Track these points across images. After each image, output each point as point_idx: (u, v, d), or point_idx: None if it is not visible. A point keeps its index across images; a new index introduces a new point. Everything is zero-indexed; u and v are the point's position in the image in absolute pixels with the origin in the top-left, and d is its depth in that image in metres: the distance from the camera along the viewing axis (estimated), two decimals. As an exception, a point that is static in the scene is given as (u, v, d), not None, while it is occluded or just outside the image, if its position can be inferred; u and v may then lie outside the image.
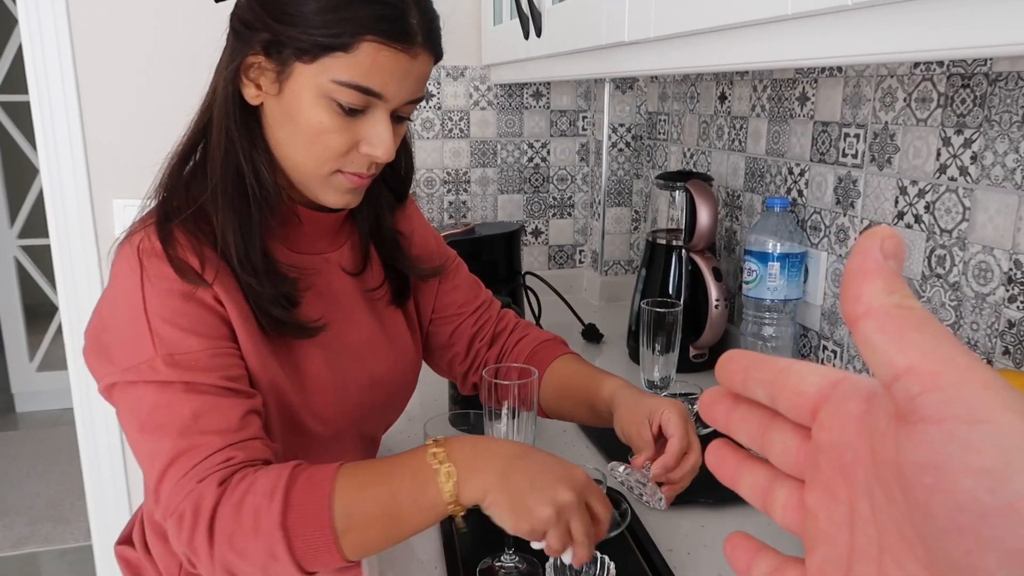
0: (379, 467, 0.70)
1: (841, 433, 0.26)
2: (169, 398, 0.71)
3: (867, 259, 0.24)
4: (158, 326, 0.73)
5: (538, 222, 2.06)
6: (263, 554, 0.66)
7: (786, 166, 1.35)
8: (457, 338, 1.03)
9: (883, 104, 1.11)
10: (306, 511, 0.66)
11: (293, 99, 0.75)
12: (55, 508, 2.90)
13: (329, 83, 0.73)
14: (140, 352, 0.73)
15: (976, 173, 0.96)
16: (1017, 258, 0.91)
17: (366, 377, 0.90)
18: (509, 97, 1.97)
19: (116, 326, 0.76)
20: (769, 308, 1.27)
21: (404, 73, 0.75)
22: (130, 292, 0.74)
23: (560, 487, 0.67)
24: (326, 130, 0.76)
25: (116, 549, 0.99)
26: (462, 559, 0.86)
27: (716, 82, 1.60)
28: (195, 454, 0.70)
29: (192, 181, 0.81)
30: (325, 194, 0.81)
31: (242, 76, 0.78)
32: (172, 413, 0.71)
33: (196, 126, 0.82)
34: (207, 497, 0.67)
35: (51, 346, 3.76)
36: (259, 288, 0.77)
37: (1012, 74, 0.90)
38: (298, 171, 0.80)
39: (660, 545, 0.88)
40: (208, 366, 0.73)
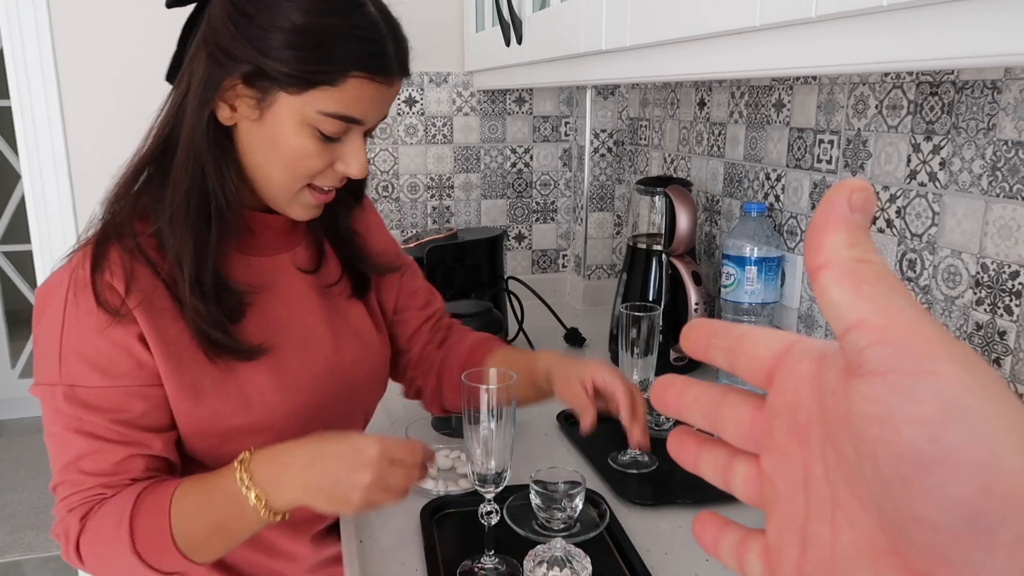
0: (205, 493, 0.78)
1: (794, 395, 0.26)
2: (61, 429, 0.79)
3: (832, 211, 0.24)
4: (67, 356, 0.78)
5: (521, 227, 2.07)
6: (128, 566, 0.77)
7: (763, 171, 1.37)
8: (414, 343, 1.07)
9: (856, 111, 1.13)
10: (152, 539, 0.76)
11: (276, 125, 0.78)
12: (38, 516, 2.88)
13: (314, 113, 0.76)
14: (48, 375, 0.79)
15: (945, 179, 0.99)
16: (984, 262, 0.94)
17: (325, 372, 0.91)
18: (492, 103, 1.98)
19: (37, 342, 0.81)
20: (747, 311, 1.29)
21: (382, 100, 0.81)
22: (53, 316, 0.78)
23: (358, 473, 0.74)
24: (308, 155, 0.79)
25: None
26: (442, 562, 0.87)
27: (695, 89, 1.62)
28: (70, 486, 0.80)
29: (140, 198, 0.81)
30: (291, 209, 0.85)
31: (215, 98, 0.78)
32: (60, 446, 0.80)
33: (155, 141, 0.82)
34: (72, 529, 0.79)
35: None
36: (204, 311, 0.79)
37: (978, 82, 0.93)
38: (271, 189, 0.83)
39: (638, 545, 0.89)
40: (102, 406, 0.78)
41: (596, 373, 0.90)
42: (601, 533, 0.91)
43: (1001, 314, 0.92)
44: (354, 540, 0.92)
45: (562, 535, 0.87)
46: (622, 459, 1.11)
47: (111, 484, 0.80)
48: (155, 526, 0.76)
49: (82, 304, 0.77)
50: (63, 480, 0.80)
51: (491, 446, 0.81)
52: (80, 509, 0.79)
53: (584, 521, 0.92)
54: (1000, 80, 0.90)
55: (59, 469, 0.81)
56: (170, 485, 0.79)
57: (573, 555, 0.76)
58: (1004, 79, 0.90)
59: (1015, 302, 0.90)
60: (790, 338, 0.27)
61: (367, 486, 0.74)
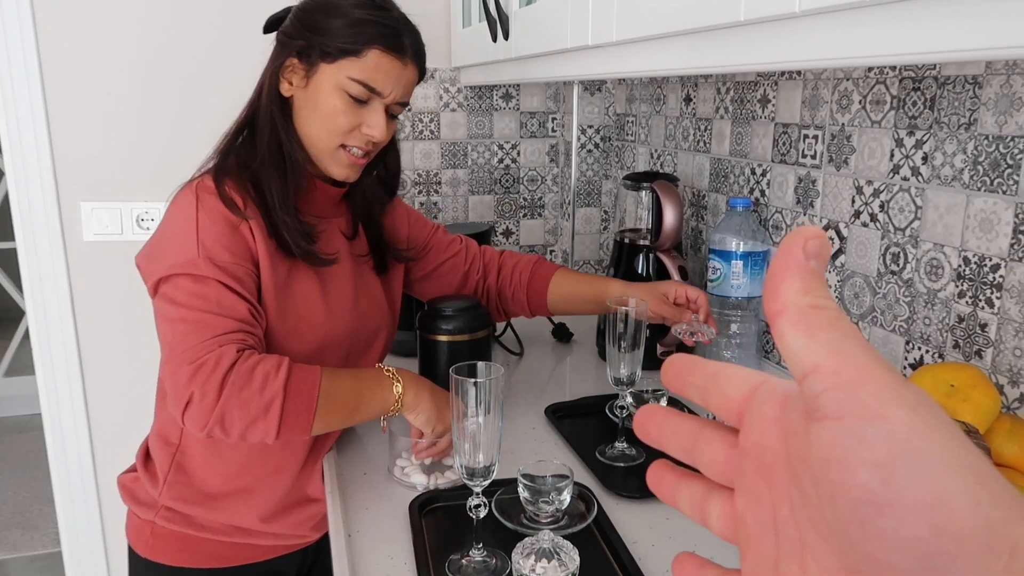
0: (349, 372, 0.99)
1: (761, 436, 0.26)
2: (203, 288, 0.92)
3: (788, 258, 0.25)
4: (204, 238, 0.95)
5: (509, 223, 2.08)
6: (259, 408, 0.87)
7: (749, 167, 1.38)
8: (469, 277, 1.31)
9: (840, 106, 1.14)
10: (302, 383, 0.91)
11: (316, 89, 1.00)
12: (23, 515, 2.86)
13: (344, 78, 0.98)
14: (186, 253, 0.93)
15: (927, 173, 1.00)
16: (965, 255, 0.95)
17: (352, 308, 1.11)
18: (479, 99, 1.98)
19: (170, 237, 0.97)
20: (733, 306, 1.30)
21: (397, 77, 1.01)
22: (186, 214, 0.96)
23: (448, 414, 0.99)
24: (338, 112, 1.00)
25: (118, 479, 1.15)
26: (431, 555, 0.87)
27: (681, 84, 1.63)
28: (220, 326, 0.91)
29: (241, 149, 1.05)
30: (331, 166, 1.04)
31: (280, 75, 1.02)
32: (204, 298, 0.92)
33: (246, 111, 1.06)
34: (227, 356, 0.88)
35: (18, 351, 3.71)
36: (294, 224, 1.01)
37: (959, 77, 0.94)
38: (314, 146, 1.03)
39: (625, 537, 0.90)
40: (234, 274, 0.94)
41: (678, 289, 1.19)
42: (589, 526, 0.92)
43: (983, 306, 0.93)
44: (343, 534, 0.92)
45: (550, 528, 0.88)
46: (609, 452, 1.12)
47: (251, 333, 0.93)
48: (308, 376, 0.92)
49: (210, 204, 0.97)
50: (209, 323, 0.90)
51: (479, 440, 0.81)
52: (235, 344, 0.90)
53: (572, 514, 0.93)
54: (981, 75, 0.91)
55: (202, 316, 0.90)
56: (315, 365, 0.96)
57: (561, 547, 0.76)
58: (985, 74, 0.91)
59: (996, 295, 0.92)
60: (758, 378, 0.27)
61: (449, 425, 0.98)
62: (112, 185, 1.79)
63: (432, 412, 1.01)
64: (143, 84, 1.77)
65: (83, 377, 1.86)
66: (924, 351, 1.03)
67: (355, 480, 1.06)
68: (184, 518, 1.07)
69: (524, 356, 1.58)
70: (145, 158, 1.80)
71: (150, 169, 1.80)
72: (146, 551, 1.08)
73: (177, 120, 1.80)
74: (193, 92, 1.80)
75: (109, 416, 1.90)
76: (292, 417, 0.90)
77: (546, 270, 1.31)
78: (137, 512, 1.10)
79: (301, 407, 0.90)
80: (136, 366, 1.88)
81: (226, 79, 1.80)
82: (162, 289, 0.94)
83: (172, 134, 1.80)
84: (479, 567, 0.85)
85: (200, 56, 1.79)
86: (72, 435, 1.88)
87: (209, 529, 1.07)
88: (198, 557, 1.07)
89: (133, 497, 1.11)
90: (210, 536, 1.07)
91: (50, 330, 1.82)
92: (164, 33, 1.75)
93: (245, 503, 1.07)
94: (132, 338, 1.87)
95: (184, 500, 1.06)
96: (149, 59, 1.76)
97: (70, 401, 1.86)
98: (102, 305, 1.84)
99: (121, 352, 1.87)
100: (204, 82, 1.80)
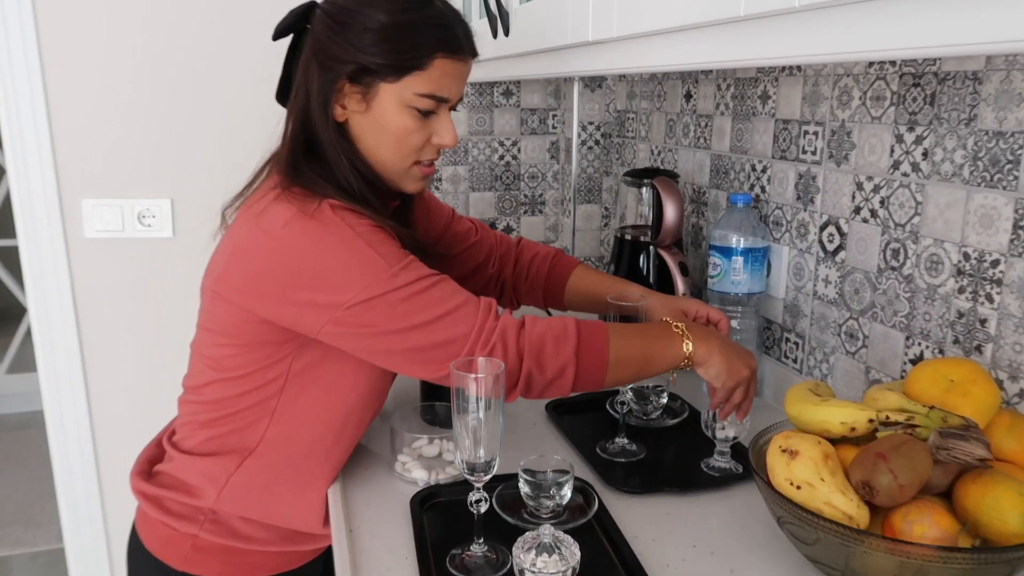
0: (637, 328, 1.00)
1: None
2: (422, 288, 0.88)
3: None
4: (380, 250, 0.89)
5: (509, 219, 2.08)
6: (556, 370, 0.90)
7: (749, 163, 1.38)
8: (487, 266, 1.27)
9: (840, 102, 1.14)
10: (592, 346, 0.92)
11: (380, 111, 0.93)
12: (26, 511, 2.87)
13: (412, 96, 0.91)
14: (376, 272, 0.87)
15: (927, 169, 1.00)
16: (965, 250, 0.95)
17: None
18: (479, 95, 1.98)
19: (333, 265, 0.87)
20: (734, 302, 1.30)
21: (462, 77, 0.96)
22: (339, 235, 0.88)
23: (748, 362, 1.00)
24: (410, 131, 0.94)
25: (134, 484, 1.05)
26: (432, 550, 0.88)
27: (682, 81, 1.63)
28: (475, 305, 0.90)
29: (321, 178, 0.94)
30: (404, 183, 0.99)
31: (333, 100, 0.93)
32: (437, 294, 0.89)
33: (293, 140, 0.96)
34: (510, 330, 0.89)
35: (20, 348, 3.72)
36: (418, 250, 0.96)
37: (959, 73, 0.94)
38: (385, 168, 0.97)
39: (626, 532, 0.90)
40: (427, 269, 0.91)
41: (692, 305, 1.14)
42: (589, 521, 0.92)
43: (982, 302, 0.94)
44: (344, 529, 0.93)
45: (551, 523, 0.88)
46: (610, 448, 1.12)
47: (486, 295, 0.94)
48: (597, 336, 0.92)
49: (350, 217, 0.90)
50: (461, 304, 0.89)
51: (480, 435, 0.81)
52: (507, 313, 0.91)
53: (572, 509, 0.93)
54: (981, 71, 0.91)
55: (449, 306, 0.89)
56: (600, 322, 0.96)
57: (562, 541, 0.77)
58: (985, 70, 0.91)
59: (996, 290, 0.92)
60: None
61: (749, 375, 0.99)
62: (113, 182, 1.80)
63: (723, 366, 0.98)
64: (145, 81, 1.77)
65: (85, 374, 1.86)
66: (924, 347, 1.03)
67: (356, 475, 1.06)
68: (231, 530, 1.01)
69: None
70: (146, 155, 1.80)
71: (151, 166, 1.80)
72: (183, 565, 1.01)
73: (179, 117, 1.80)
74: (195, 89, 1.80)
75: (111, 413, 1.90)
76: (585, 377, 0.92)
77: (565, 266, 1.28)
78: (174, 526, 1.01)
79: (593, 368, 0.92)
80: (138, 363, 1.89)
81: (229, 75, 1.80)
82: (353, 317, 0.87)
83: (174, 131, 1.80)
84: (480, 561, 0.85)
85: (202, 52, 1.79)
86: (74, 432, 1.89)
87: (257, 540, 1.02)
88: (240, 568, 1.02)
89: (165, 510, 1.02)
90: (256, 547, 1.02)
91: (52, 327, 1.82)
92: (166, 29, 1.75)
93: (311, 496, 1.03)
94: (134, 335, 1.87)
95: (241, 505, 1.00)
96: (151, 55, 1.76)
97: (72, 398, 1.87)
98: (104, 302, 1.84)
99: (123, 349, 1.88)
100: (206, 78, 1.80)
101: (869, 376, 1.13)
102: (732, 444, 1.07)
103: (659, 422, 1.21)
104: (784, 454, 0.79)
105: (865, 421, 0.81)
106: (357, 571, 0.85)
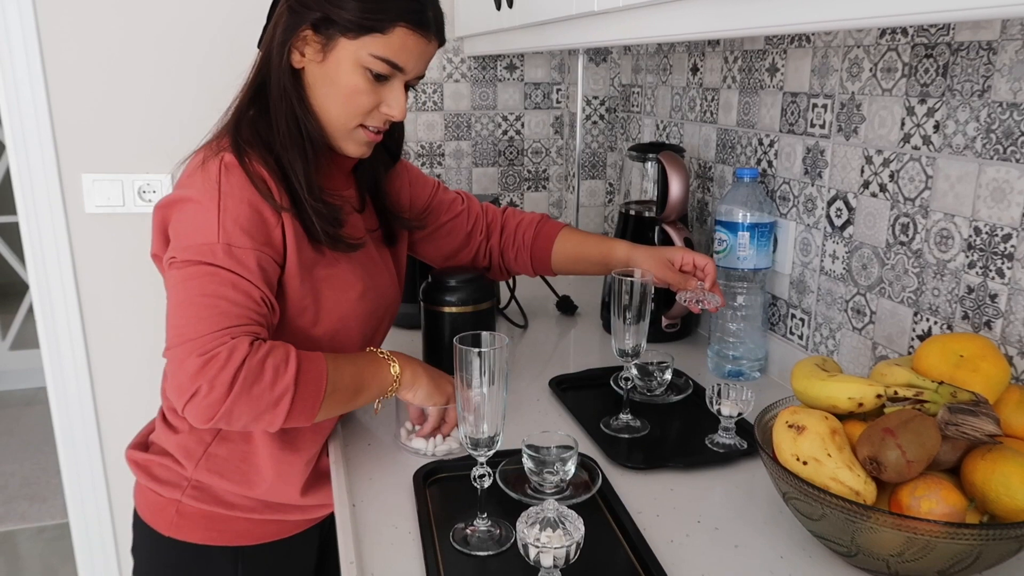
0: (347, 357, 0.96)
1: None
2: (218, 276, 0.88)
3: None
4: (225, 221, 0.89)
5: (513, 195, 2.06)
6: (269, 403, 0.85)
7: (756, 137, 1.36)
8: (473, 237, 1.28)
9: (850, 74, 1.12)
10: (310, 374, 0.89)
11: (335, 66, 0.94)
12: (31, 486, 2.89)
13: (367, 56, 0.93)
14: (205, 235, 0.89)
15: (938, 142, 0.98)
16: (976, 225, 0.94)
17: (371, 287, 1.08)
18: (483, 69, 1.96)
19: (190, 212, 0.91)
20: (739, 278, 1.29)
21: (421, 53, 0.96)
22: (209, 190, 0.90)
23: (450, 380, 1.02)
24: (359, 91, 0.95)
25: (127, 454, 1.10)
26: (435, 525, 0.87)
27: (688, 53, 1.60)
28: (233, 316, 0.87)
29: (256, 123, 0.98)
30: (347, 144, 1.00)
31: (292, 44, 0.95)
32: (218, 286, 0.87)
33: (253, 81, 0.99)
34: (239, 350, 0.84)
35: (23, 325, 3.72)
36: (320, 209, 0.96)
37: (973, 44, 0.92)
38: (331, 124, 0.98)
39: (630, 507, 0.90)
40: (251, 264, 0.90)
41: (685, 256, 1.16)
42: (593, 496, 0.92)
43: (993, 277, 0.92)
44: (347, 504, 0.92)
45: (554, 498, 0.88)
46: (614, 424, 1.11)
47: (262, 324, 0.89)
48: (316, 367, 0.90)
49: (234, 180, 0.91)
50: (221, 314, 0.86)
51: (483, 410, 0.81)
52: (247, 337, 0.86)
53: (576, 484, 0.93)
54: (996, 41, 0.89)
55: (214, 310, 0.86)
56: (317, 352, 0.93)
57: (566, 516, 0.76)
58: (1000, 39, 0.89)
59: (1007, 265, 0.90)
60: None
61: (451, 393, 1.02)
62: (113, 157, 1.78)
63: (430, 386, 1.01)
64: (144, 55, 1.75)
65: (87, 349, 1.86)
66: (933, 322, 1.02)
67: (359, 451, 1.06)
68: (213, 497, 1.04)
69: (528, 328, 1.57)
70: (146, 130, 1.78)
71: (152, 141, 1.79)
72: (169, 530, 1.04)
73: (179, 91, 1.78)
74: (195, 62, 1.78)
75: (114, 388, 1.90)
76: (299, 408, 0.88)
77: (550, 229, 1.29)
78: (159, 491, 1.05)
79: (309, 398, 0.88)
80: (140, 338, 1.88)
81: (229, 48, 1.78)
82: (175, 269, 0.90)
83: (174, 105, 1.78)
84: (484, 536, 0.85)
85: (202, 25, 1.76)
86: (77, 407, 1.89)
87: (240, 507, 1.04)
88: (225, 535, 1.05)
89: (152, 476, 1.06)
90: (240, 514, 1.04)
91: (53, 303, 1.82)
92: (167, 3, 1.73)
93: (289, 468, 1.04)
94: (135, 310, 1.87)
95: (220, 475, 1.03)
96: (151, 29, 1.74)
97: (75, 374, 1.87)
98: (105, 277, 1.84)
99: (124, 324, 1.87)
100: (206, 52, 1.78)
101: (876, 352, 1.12)
102: (737, 420, 1.06)
103: (663, 398, 1.20)
104: (791, 429, 0.79)
105: (873, 396, 0.80)
106: (360, 545, 0.85)
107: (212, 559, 1.05)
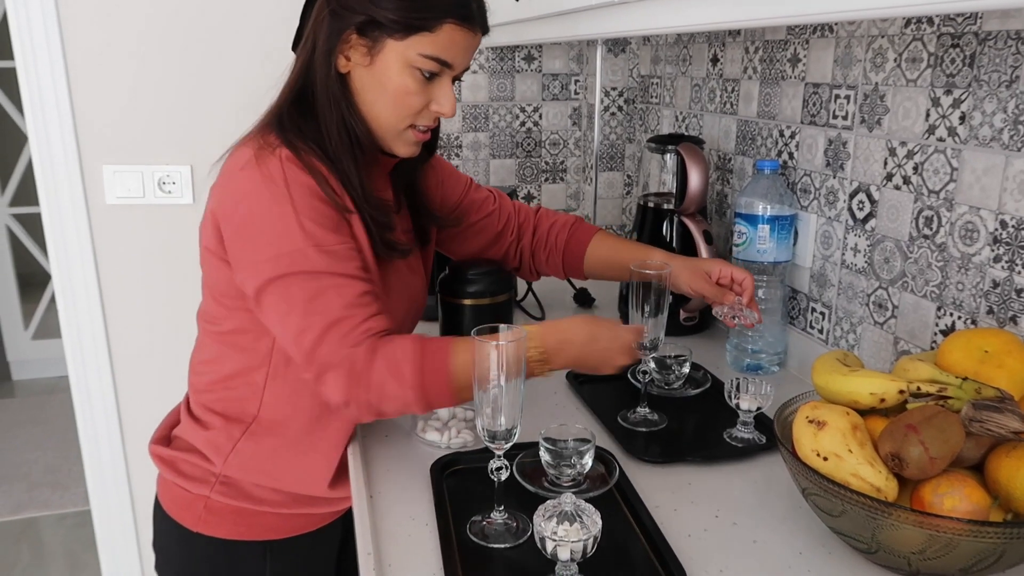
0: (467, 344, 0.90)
1: None
2: (319, 287, 0.88)
3: None
4: (304, 221, 0.88)
5: (530, 187, 2.05)
6: (400, 403, 0.89)
7: (777, 128, 1.35)
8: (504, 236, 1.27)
9: (874, 65, 1.11)
10: (434, 378, 0.88)
11: (384, 68, 0.93)
12: (53, 474, 2.93)
13: (416, 55, 0.91)
14: (289, 241, 0.88)
15: (964, 133, 0.96)
16: (1003, 218, 0.92)
17: (408, 285, 1.08)
18: (500, 60, 1.95)
19: (258, 219, 0.89)
20: (759, 271, 1.28)
21: (468, 48, 0.95)
22: (275, 192, 0.89)
23: (620, 357, 0.98)
24: (410, 92, 0.93)
25: (151, 448, 1.10)
26: (452, 516, 0.87)
27: (708, 44, 1.59)
28: (345, 325, 0.88)
29: (302, 127, 0.95)
30: (397, 145, 0.99)
31: (337, 49, 0.93)
32: (324, 300, 0.88)
33: (291, 86, 0.97)
34: (360, 359, 0.87)
35: (46, 314, 3.77)
36: (379, 217, 0.97)
37: (1001, 33, 0.90)
38: (380, 127, 0.97)
39: (647, 501, 0.89)
40: (346, 256, 0.90)
41: (723, 269, 1.14)
42: (610, 490, 0.91)
43: (1019, 271, 0.91)
44: (364, 495, 0.93)
45: (571, 492, 0.87)
46: (632, 417, 1.11)
47: (375, 318, 0.90)
48: (439, 366, 0.89)
49: (299, 177, 0.90)
50: (334, 322, 0.87)
51: (501, 403, 0.81)
52: (367, 343, 0.87)
53: (593, 478, 0.93)
54: (1025, 30, 0.87)
55: (325, 318, 0.87)
56: (446, 340, 0.92)
57: (583, 510, 0.76)
58: (1029, 29, 0.87)
59: (1033, 259, 0.89)
60: None
61: (621, 366, 0.98)
62: (134, 148, 1.79)
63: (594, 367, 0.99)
64: (166, 47, 1.75)
65: (108, 339, 1.88)
66: (956, 317, 1.00)
67: (377, 443, 1.06)
68: (242, 492, 1.03)
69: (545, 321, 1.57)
70: (167, 121, 1.79)
71: (172, 132, 1.80)
72: (197, 525, 1.04)
73: (200, 82, 1.79)
74: (217, 53, 1.78)
75: (135, 377, 1.92)
76: (435, 403, 0.91)
77: (584, 233, 1.27)
78: (186, 487, 1.04)
79: (439, 399, 0.90)
80: (160, 327, 1.90)
81: (251, 40, 1.78)
82: (272, 284, 0.89)
83: (195, 96, 1.79)
84: (500, 529, 0.85)
85: (224, 16, 1.77)
86: (99, 396, 1.91)
87: (268, 502, 1.03)
88: (254, 530, 1.04)
89: (178, 472, 1.05)
90: (268, 509, 1.03)
91: (75, 293, 1.84)
92: (183, -6, 1.73)
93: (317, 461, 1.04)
94: (156, 300, 1.88)
95: (249, 470, 1.02)
96: (172, 21, 1.74)
97: (96, 363, 1.89)
98: (126, 268, 1.85)
99: (145, 314, 1.89)
100: (228, 43, 1.78)
101: (898, 347, 1.11)
102: (755, 415, 1.05)
103: (681, 392, 1.19)
104: (811, 424, 0.78)
105: (895, 392, 0.79)
106: (378, 537, 0.85)
107: (241, 554, 1.05)
